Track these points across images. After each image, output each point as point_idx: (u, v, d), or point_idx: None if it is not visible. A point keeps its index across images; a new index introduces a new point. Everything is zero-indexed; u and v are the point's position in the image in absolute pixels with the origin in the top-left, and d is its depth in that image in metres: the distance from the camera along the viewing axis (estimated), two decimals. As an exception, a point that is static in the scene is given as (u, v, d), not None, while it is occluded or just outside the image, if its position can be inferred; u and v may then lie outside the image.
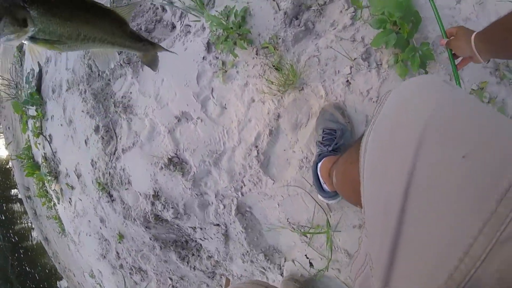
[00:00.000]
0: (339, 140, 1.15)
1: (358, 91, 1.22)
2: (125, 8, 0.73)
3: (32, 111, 3.20)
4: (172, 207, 1.77)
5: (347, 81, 1.24)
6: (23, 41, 0.57)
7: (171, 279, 2.07)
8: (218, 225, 1.64)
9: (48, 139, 2.98)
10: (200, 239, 1.75)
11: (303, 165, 1.34)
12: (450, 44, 0.84)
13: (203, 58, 1.58)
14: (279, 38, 1.34)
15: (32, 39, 0.57)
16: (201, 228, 1.71)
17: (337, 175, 0.82)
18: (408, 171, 0.38)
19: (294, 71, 1.30)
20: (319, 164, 1.16)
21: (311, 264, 1.38)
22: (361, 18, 1.14)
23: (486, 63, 0.80)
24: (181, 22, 1.72)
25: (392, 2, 0.94)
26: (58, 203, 3.23)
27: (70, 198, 2.92)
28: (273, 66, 1.38)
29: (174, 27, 1.77)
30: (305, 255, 1.39)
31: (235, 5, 1.40)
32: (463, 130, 0.38)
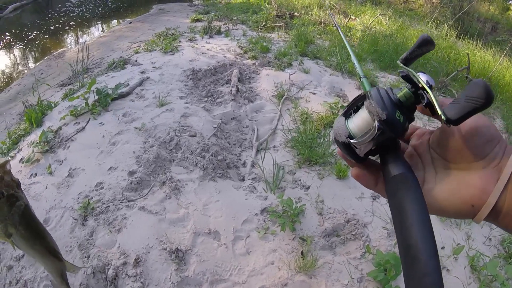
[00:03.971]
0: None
1: (349, 299, 1.78)
2: (72, 265, 1.05)
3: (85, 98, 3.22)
4: (141, 283, 1.78)
5: (343, 289, 1.82)
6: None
7: None
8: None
9: (79, 128, 2.96)
10: None
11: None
12: None
13: (256, 214, 2.25)
14: (313, 240, 2.08)
15: None
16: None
17: None
18: None
19: (314, 261, 1.92)
20: None
21: None
22: (366, 258, 1.93)
23: None
24: (251, 181, 2.55)
25: (390, 255, 1.76)
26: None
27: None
28: (301, 252, 2.02)
29: (243, 179, 2.59)
30: None
31: (297, 203, 2.27)
32: None
